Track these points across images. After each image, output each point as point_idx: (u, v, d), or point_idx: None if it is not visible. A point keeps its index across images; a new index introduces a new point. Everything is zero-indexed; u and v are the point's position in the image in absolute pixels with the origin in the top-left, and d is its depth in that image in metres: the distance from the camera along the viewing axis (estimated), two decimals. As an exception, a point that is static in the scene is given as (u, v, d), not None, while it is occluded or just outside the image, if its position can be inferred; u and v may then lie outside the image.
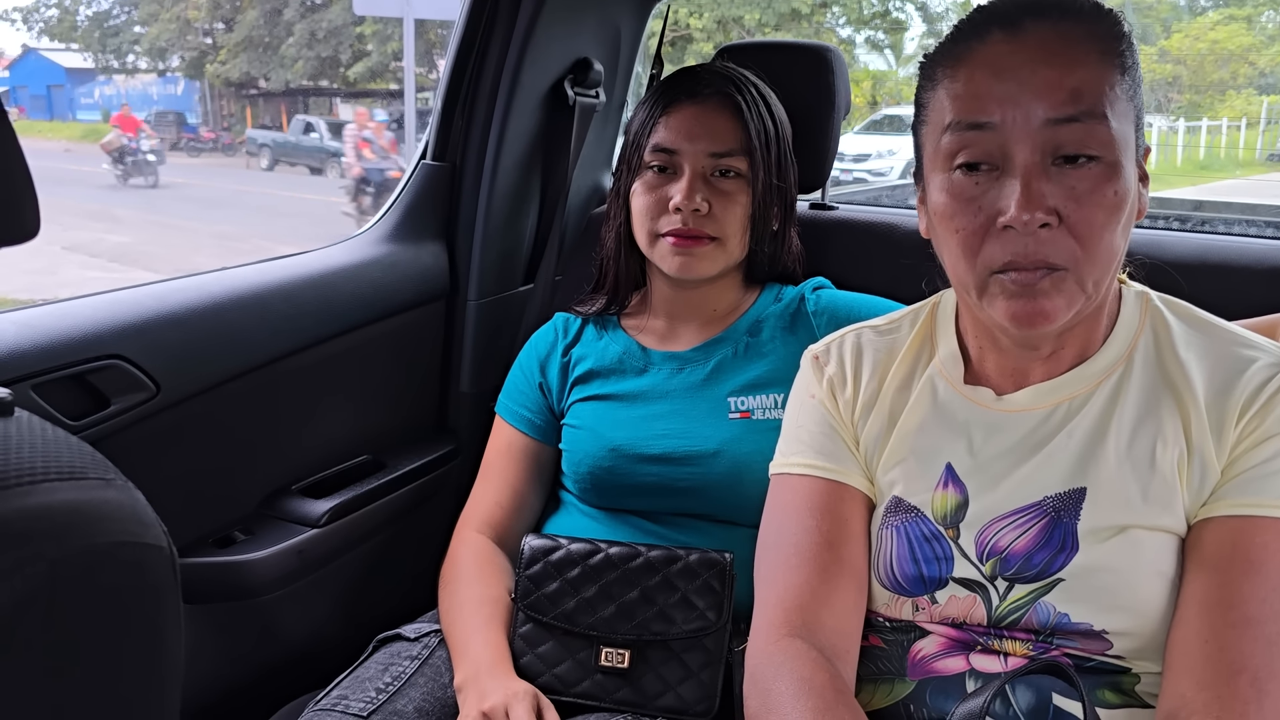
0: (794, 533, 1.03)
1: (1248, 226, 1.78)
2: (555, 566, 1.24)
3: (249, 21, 24.06)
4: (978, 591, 0.96)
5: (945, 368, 1.04)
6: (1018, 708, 0.92)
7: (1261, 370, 0.92)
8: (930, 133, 0.94)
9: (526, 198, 1.74)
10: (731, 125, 1.33)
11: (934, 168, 0.93)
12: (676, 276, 1.34)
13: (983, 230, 0.89)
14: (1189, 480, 0.91)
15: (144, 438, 1.28)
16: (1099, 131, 0.85)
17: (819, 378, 1.10)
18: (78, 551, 0.54)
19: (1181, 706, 0.84)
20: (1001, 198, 0.87)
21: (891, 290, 1.36)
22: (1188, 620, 0.87)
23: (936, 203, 0.93)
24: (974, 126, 0.88)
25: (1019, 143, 0.86)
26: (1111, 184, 0.86)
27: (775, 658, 0.96)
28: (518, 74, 1.61)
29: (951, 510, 0.98)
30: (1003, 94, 0.87)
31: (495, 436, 1.47)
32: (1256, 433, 0.89)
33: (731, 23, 16.29)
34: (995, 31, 0.89)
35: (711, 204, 1.31)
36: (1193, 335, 0.97)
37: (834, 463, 1.05)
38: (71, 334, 1.20)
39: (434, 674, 1.24)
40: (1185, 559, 0.90)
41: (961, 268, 0.92)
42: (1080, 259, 0.87)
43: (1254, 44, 21.45)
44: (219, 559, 1.36)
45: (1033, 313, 0.88)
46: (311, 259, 1.58)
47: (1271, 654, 0.83)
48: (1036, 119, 0.86)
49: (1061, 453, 0.95)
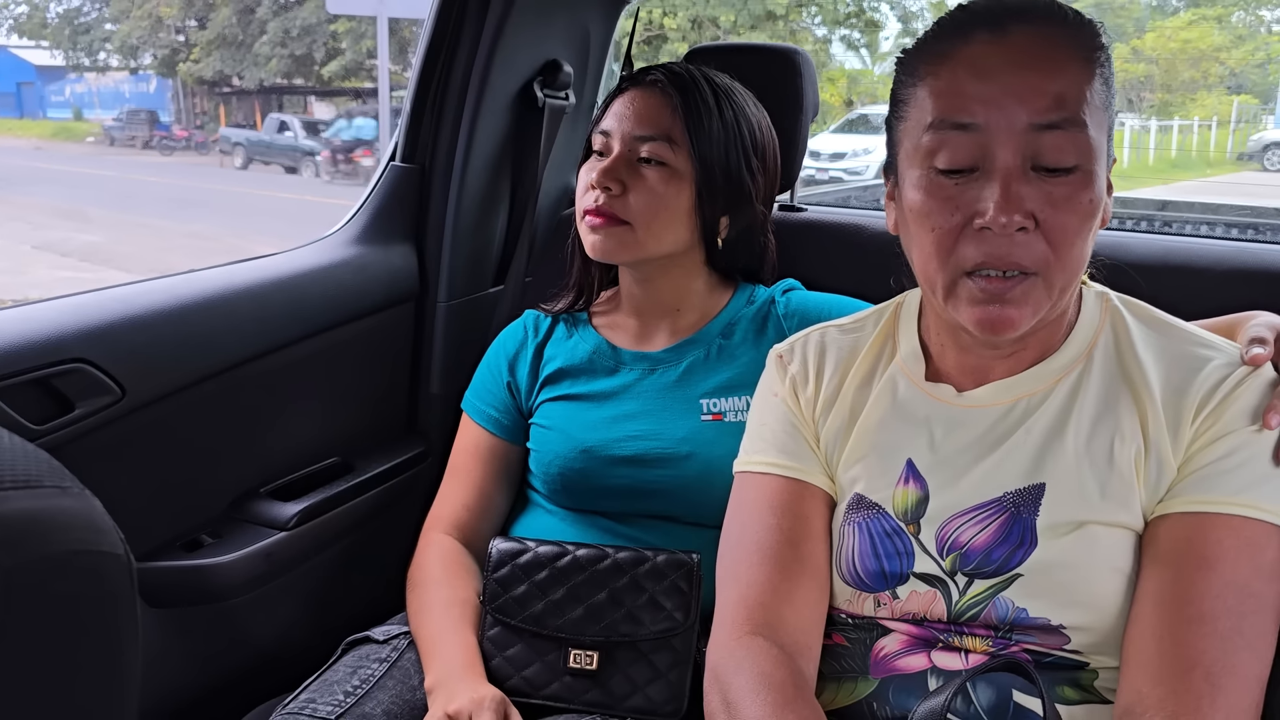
0: (756, 531, 1.04)
1: (1212, 228, 1.80)
2: (523, 569, 1.24)
3: (222, 19, 23.89)
4: (938, 587, 0.97)
5: (907, 365, 1.05)
6: (978, 705, 0.93)
7: (1217, 369, 0.93)
8: (909, 129, 0.94)
9: (496, 199, 1.74)
10: (665, 113, 1.31)
11: (911, 164, 0.93)
12: (592, 258, 1.35)
13: (958, 230, 0.89)
14: (1146, 477, 0.92)
15: (109, 442, 1.27)
16: (1079, 139, 0.86)
17: (782, 376, 1.11)
18: (32, 560, 0.54)
19: (1138, 702, 0.85)
20: (980, 199, 0.87)
21: (859, 291, 1.37)
22: (1143, 616, 0.89)
23: (912, 200, 0.92)
24: (956, 126, 0.88)
25: (1001, 145, 0.87)
26: (1087, 192, 0.87)
27: (735, 654, 0.97)
28: (487, 76, 1.61)
29: (912, 506, 0.99)
30: (986, 95, 0.87)
31: (462, 435, 1.47)
32: (1211, 430, 0.91)
33: (707, 23, 16.31)
34: (979, 32, 0.89)
35: (627, 186, 1.30)
36: (1150, 335, 0.98)
37: (796, 461, 1.06)
38: (34, 337, 1.19)
39: (403, 676, 1.24)
40: (1141, 555, 0.92)
41: (932, 266, 0.92)
42: (1051, 263, 0.88)
43: (1224, 44, 21.69)
44: (186, 563, 1.36)
45: (997, 319, 0.89)
46: (279, 261, 1.57)
47: (1224, 649, 0.84)
48: (1019, 123, 0.86)
49: (1020, 448, 0.96)
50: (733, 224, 1.37)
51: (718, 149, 1.32)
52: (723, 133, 1.32)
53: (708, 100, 1.32)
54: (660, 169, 1.31)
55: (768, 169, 1.41)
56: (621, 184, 1.30)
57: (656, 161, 1.31)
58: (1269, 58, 22.20)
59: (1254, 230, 1.90)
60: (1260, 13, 23.14)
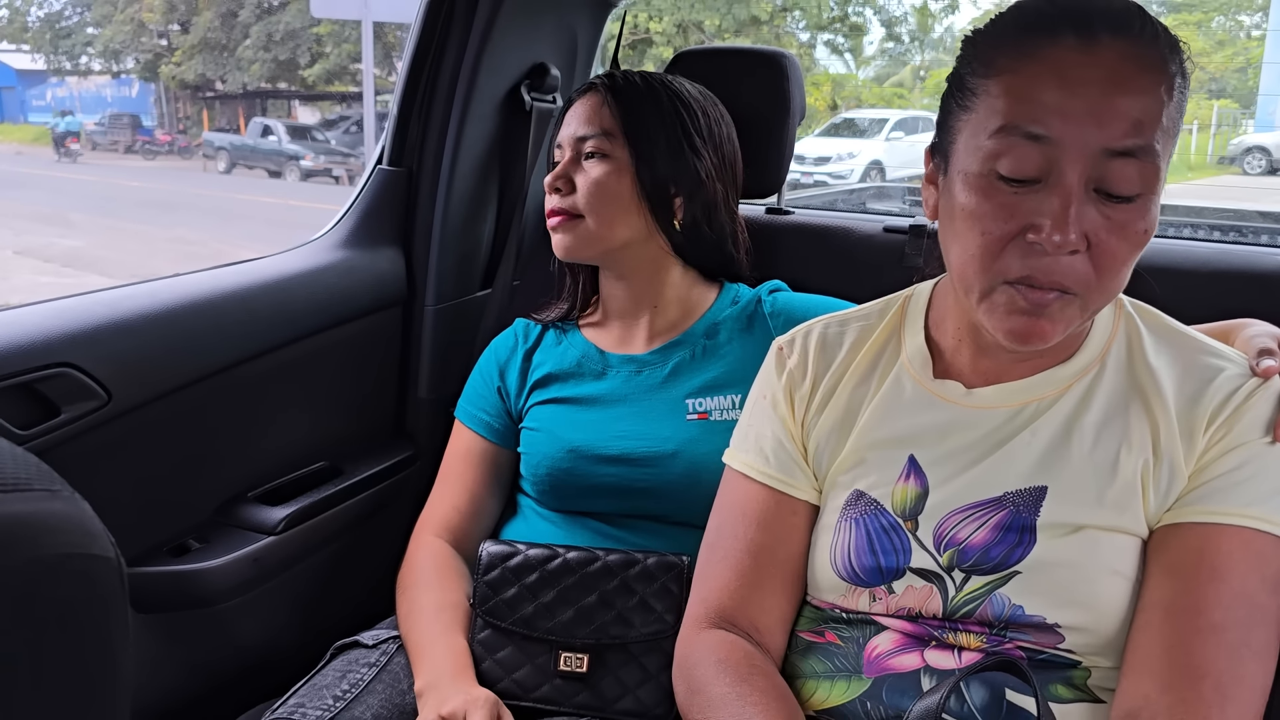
0: (730, 535, 1.07)
1: (1195, 230, 1.81)
2: (513, 572, 1.24)
3: (204, 23, 23.81)
4: (934, 582, 0.97)
5: (912, 365, 1.04)
6: (972, 704, 0.94)
7: (1229, 380, 0.94)
8: (974, 122, 0.89)
9: (484, 203, 1.74)
10: (601, 111, 1.36)
11: (970, 159, 0.89)
12: (560, 258, 1.39)
13: (1008, 238, 0.86)
14: (1155, 485, 0.92)
15: (95, 446, 1.27)
16: (1147, 169, 0.84)
17: (780, 371, 1.11)
18: (23, 564, 0.54)
19: (1144, 707, 0.86)
20: (1038, 212, 0.84)
21: (846, 292, 1.38)
22: (1152, 624, 0.89)
23: (964, 199, 0.89)
24: (1029, 136, 0.84)
25: (1070, 164, 0.83)
26: (1143, 220, 0.85)
27: (696, 646, 1.03)
28: (474, 80, 1.61)
29: (911, 501, 0.99)
30: (1066, 109, 0.83)
31: (454, 441, 1.48)
32: (1223, 441, 0.91)
33: (691, 27, 16.35)
34: (1067, 35, 0.84)
35: (575, 184, 1.36)
36: (1161, 344, 0.98)
37: (780, 472, 1.07)
38: (19, 341, 1.19)
39: (392, 681, 1.24)
40: (1148, 562, 0.92)
41: (973, 268, 0.89)
42: (1093, 286, 0.86)
43: (1204, 49, 21.86)
44: (174, 568, 1.35)
45: (1030, 331, 0.88)
46: (266, 265, 1.57)
47: (1233, 660, 0.85)
48: (1093, 144, 0.83)
49: (1024, 450, 0.96)
50: (687, 205, 1.38)
51: (652, 129, 1.35)
52: (656, 115, 1.36)
53: (640, 89, 1.37)
54: (601, 160, 1.36)
55: (720, 148, 1.41)
56: (570, 182, 1.36)
57: (599, 155, 1.36)
58: (1249, 63, 22.40)
59: (1237, 232, 1.91)
60: (1240, 18, 23.36)
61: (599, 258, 1.40)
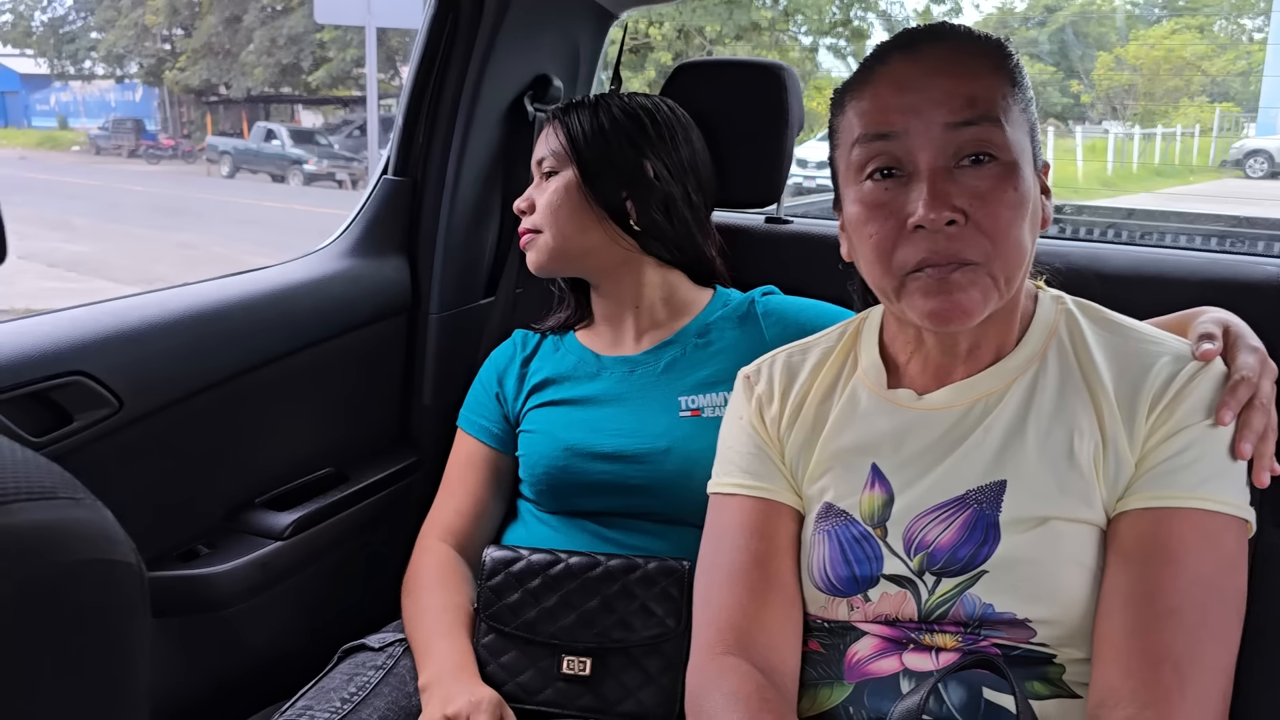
0: (727, 553, 1.08)
1: (1190, 239, 1.83)
2: (516, 577, 1.26)
3: (208, 28, 23.84)
4: (908, 587, 1.00)
5: (867, 377, 1.08)
6: (950, 705, 0.96)
7: (1167, 365, 0.96)
8: (842, 152, 1.01)
9: (487, 212, 1.76)
10: (552, 136, 1.44)
11: (847, 182, 1.00)
12: (534, 273, 1.46)
13: (895, 234, 0.94)
14: (1105, 473, 0.95)
15: (107, 453, 1.29)
16: (994, 134, 0.92)
17: (749, 397, 1.15)
18: (48, 570, 0.55)
19: (1110, 695, 0.88)
20: (910, 201, 0.92)
21: (845, 301, 1.39)
22: (1113, 612, 0.91)
23: (850, 214, 0.98)
24: (879, 136, 0.95)
25: (922, 149, 0.92)
26: (1011, 182, 0.92)
27: (709, 674, 1.01)
28: (478, 91, 1.64)
29: (878, 509, 1.02)
30: (904, 105, 0.93)
31: (457, 449, 1.50)
32: (1166, 426, 0.94)
33: (693, 33, 16.35)
34: (896, 55, 0.97)
35: (535, 204, 1.43)
36: (1103, 334, 1.02)
37: (762, 480, 1.09)
38: (32, 351, 1.21)
39: (399, 683, 1.26)
40: (1107, 551, 0.94)
41: (877, 271, 0.97)
42: (991, 254, 0.92)
43: (1206, 52, 21.85)
44: (183, 572, 1.37)
45: (950, 309, 0.92)
46: (273, 274, 1.59)
47: (1191, 641, 0.87)
48: (936, 125, 0.92)
49: (980, 447, 0.99)
50: (640, 205, 1.39)
51: (592, 138, 1.40)
52: (599, 128, 1.41)
53: (587, 109, 1.43)
54: (553, 177, 1.42)
55: (674, 151, 1.43)
56: (531, 202, 1.44)
57: (552, 173, 1.43)
58: (1250, 66, 22.38)
59: (1230, 240, 1.92)
60: (1241, 21, 23.35)
61: (567, 267, 1.44)
